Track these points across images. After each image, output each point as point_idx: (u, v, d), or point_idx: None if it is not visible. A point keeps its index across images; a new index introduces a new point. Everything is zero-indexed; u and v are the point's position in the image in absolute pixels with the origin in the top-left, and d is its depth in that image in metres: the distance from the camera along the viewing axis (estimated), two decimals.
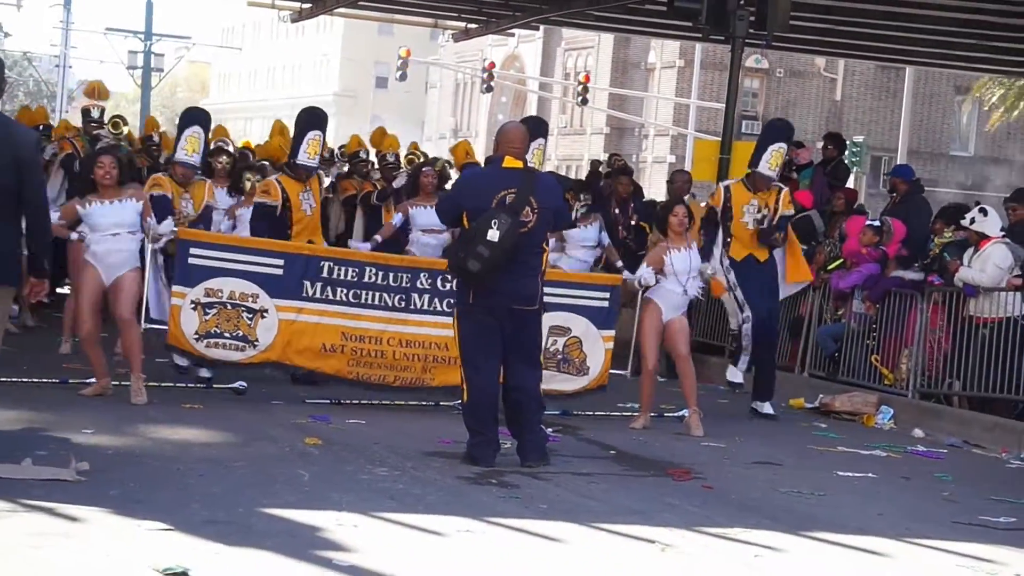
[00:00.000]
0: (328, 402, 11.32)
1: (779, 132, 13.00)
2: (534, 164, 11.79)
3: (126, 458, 8.46)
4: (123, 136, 16.94)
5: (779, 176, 12.94)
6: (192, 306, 11.18)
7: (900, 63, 32.14)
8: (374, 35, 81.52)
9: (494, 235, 8.97)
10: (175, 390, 11.29)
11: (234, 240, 11.83)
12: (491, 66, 49.20)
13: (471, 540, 7.02)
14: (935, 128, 55.31)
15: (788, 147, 13.03)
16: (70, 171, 15.07)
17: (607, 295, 12.05)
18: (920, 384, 13.46)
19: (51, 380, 11.26)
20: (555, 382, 11.66)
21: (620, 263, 13.92)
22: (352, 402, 11.42)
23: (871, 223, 14.50)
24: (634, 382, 12.03)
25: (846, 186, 17.54)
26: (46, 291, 8.31)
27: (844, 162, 18.36)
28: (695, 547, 7.27)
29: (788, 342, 15.11)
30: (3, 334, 8.08)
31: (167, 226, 11.19)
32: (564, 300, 11.79)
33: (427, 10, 25.43)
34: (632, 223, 16.04)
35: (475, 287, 9.15)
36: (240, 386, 11.51)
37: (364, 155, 17.06)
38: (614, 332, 12.09)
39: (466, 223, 9.20)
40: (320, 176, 13.85)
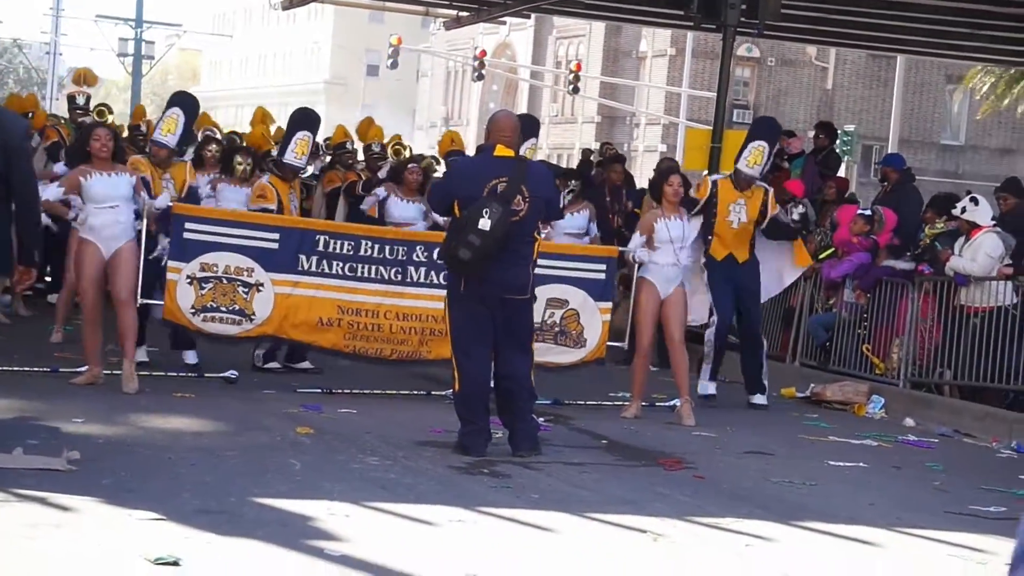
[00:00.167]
0: (320, 391, 11.32)
1: (761, 130, 12.86)
2: None
3: (117, 447, 8.45)
4: (108, 125, 16.87)
5: (762, 175, 12.75)
6: (188, 281, 11.16)
7: (891, 52, 32.11)
8: (365, 23, 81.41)
9: (485, 224, 8.96)
10: (167, 379, 11.28)
11: (229, 215, 11.74)
12: (482, 54, 49.18)
13: (462, 530, 7.02)
14: (926, 117, 55.33)
15: (771, 146, 12.83)
16: (56, 160, 15.03)
17: (604, 267, 12.03)
18: (911, 373, 13.48)
19: (42, 369, 11.25)
20: (552, 354, 11.66)
21: None
22: (344, 391, 11.42)
23: (862, 212, 14.51)
24: (626, 371, 12.04)
25: (837, 175, 17.56)
26: (34, 280, 8.28)
27: (835, 151, 18.37)
28: (686, 536, 7.27)
29: (780, 332, 15.13)
30: None
31: (163, 200, 11.18)
32: (561, 272, 11.78)
33: None
34: (626, 211, 16.04)
35: (466, 276, 9.14)
36: (231, 375, 11.51)
37: (350, 146, 17.02)
38: (611, 304, 12.09)
39: (457, 211, 9.19)
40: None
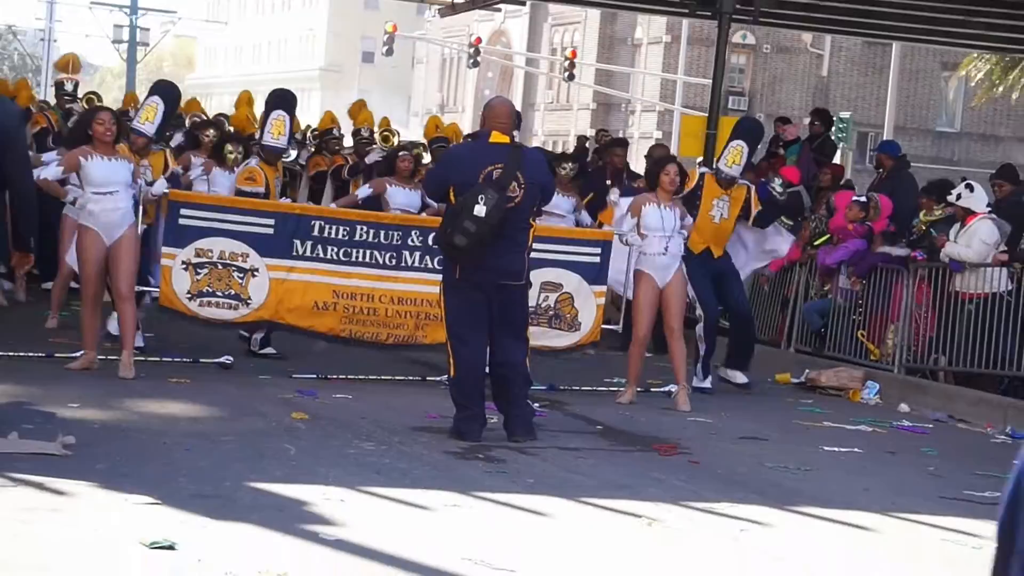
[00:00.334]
0: (315, 377, 11.33)
1: (742, 130, 12.78)
2: None
3: (113, 432, 8.45)
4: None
5: (742, 175, 12.66)
6: (183, 266, 11.16)
7: (887, 39, 32.09)
8: (360, 9, 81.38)
9: (481, 210, 8.95)
10: (162, 364, 11.29)
11: (224, 200, 11.76)
12: (477, 41, 49.12)
13: (458, 514, 7.02)
14: (921, 104, 55.32)
15: (751, 147, 12.81)
16: (44, 147, 15.00)
17: (599, 251, 12.02)
18: (906, 359, 13.49)
19: (38, 354, 11.24)
20: (547, 338, 11.67)
21: None
22: (339, 377, 11.42)
23: (858, 199, 14.51)
24: (622, 357, 12.04)
25: (833, 162, 17.57)
26: (31, 264, 8.28)
27: (831, 138, 18.39)
28: (681, 521, 7.28)
29: (776, 318, 15.14)
30: None
31: (160, 186, 11.18)
32: (556, 256, 11.78)
33: None
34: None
35: (461, 262, 9.14)
36: (226, 360, 11.51)
37: (336, 132, 17.00)
38: (606, 288, 12.09)
39: (452, 198, 9.19)
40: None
